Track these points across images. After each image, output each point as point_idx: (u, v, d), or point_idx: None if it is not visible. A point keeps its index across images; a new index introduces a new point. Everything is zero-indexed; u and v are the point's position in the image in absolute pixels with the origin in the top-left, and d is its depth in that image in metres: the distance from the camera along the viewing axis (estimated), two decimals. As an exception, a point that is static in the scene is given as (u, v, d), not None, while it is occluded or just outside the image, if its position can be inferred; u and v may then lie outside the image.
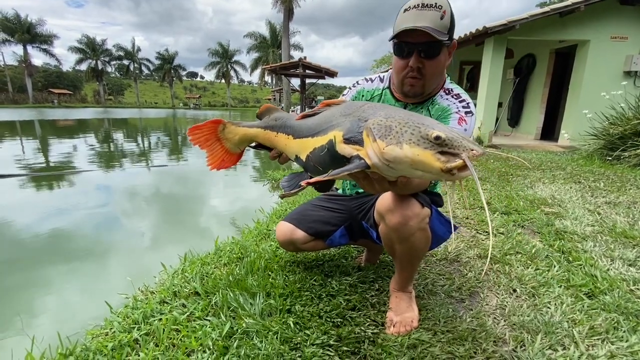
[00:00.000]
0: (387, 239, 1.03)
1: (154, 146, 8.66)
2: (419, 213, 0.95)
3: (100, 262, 2.15)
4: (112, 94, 67.38)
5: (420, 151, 0.55)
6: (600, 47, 6.13)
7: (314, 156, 0.74)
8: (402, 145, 0.56)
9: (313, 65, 14.13)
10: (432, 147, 0.55)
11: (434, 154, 0.55)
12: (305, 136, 0.77)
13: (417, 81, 1.02)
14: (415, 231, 0.96)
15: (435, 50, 0.97)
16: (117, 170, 5.23)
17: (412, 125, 0.58)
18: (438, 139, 0.55)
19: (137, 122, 18.91)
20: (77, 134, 11.18)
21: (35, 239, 2.54)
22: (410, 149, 0.56)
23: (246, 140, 0.98)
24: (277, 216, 2.19)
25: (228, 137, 0.99)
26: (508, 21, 5.68)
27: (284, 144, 0.86)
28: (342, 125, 0.66)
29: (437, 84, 1.08)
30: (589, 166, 4.11)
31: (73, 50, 45.58)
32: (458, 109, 1.05)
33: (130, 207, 3.47)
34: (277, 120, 0.91)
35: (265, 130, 0.93)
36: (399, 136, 0.57)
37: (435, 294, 1.27)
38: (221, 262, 1.51)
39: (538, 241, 1.81)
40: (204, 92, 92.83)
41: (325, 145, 0.69)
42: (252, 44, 36.92)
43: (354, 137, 0.63)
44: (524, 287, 1.32)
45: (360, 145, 0.62)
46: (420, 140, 0.56)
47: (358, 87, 1.22)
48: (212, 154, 0.99)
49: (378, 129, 0.59)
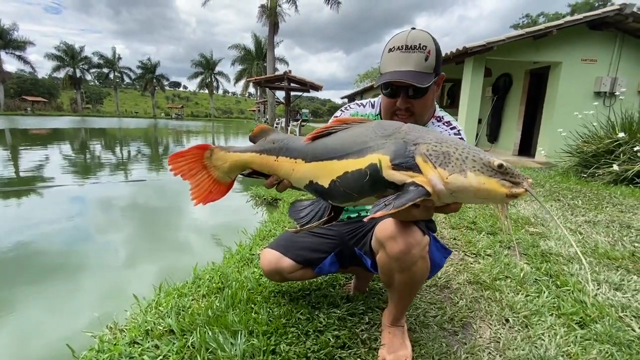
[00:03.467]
0: (386, 269, 0.97)
1: (133, 157, 8.37)
2: (421, 241, 0.91)
3: (65, 289, 1.97)
4: (91, 103, 65.42)
5: (485, 179, 0.56)
6: (571, 68, 6.46)
7: (347, 181, 0.66)
8: (466, 174, 0.57)
9: (298, 79, 14.22)
10: (496, 175, 0.57)
11: (499, 181, 0.56)
12: (328, 158, 0.69)
13: (407, 119, 1.01)
14: (417, 260, 0.91)
15: (422, 92, 0.96)
16: (90, 185, 4.98)
17: (470, 152, 0.58)
18: (501, 167, 0.57)
19: (115, 132, 18.35)
20: (51, 143, 10.69)
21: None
22: (475, 178, 0.56)
23: (238, 167, 0.87)
24: (261, 238, 2.10)
25: (216, 164, 0.86)
26: (486, 42, 5.91)
27: (290, 169, 0.76)
28: (386, 148, 0.62)
29: (428, 115, 1.08)
30: (566, 183, 4.24)
31: (50, 57, 44.20)
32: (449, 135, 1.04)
33: (101, 225, 3.27)
34: (276, 142, 0.81)
35: (261, 155, 0.82)
36: (460, 164, 0.57)
37: (428, 326, 1.22)
38: (200, 292, 1.40)
39: (525, 263, 1.80)
40: (186, 102, 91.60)
41: (365, 169, 0.63)
42: (237, 56, 36.99)
43: (406, 163, 0.60)
44: (516, 317, 1.29)
45: (415, 171, 0.60)
46: (484, 168, 0.57)
47: (351, 110, 1.19)
48: (197, 185, 0.85)
49: (436, 155, 0.58)
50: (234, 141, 15.65)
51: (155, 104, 62.24)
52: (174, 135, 17.28)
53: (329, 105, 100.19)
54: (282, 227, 2.27)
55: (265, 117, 23.77)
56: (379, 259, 0.98)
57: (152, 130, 21.73)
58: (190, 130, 22.22)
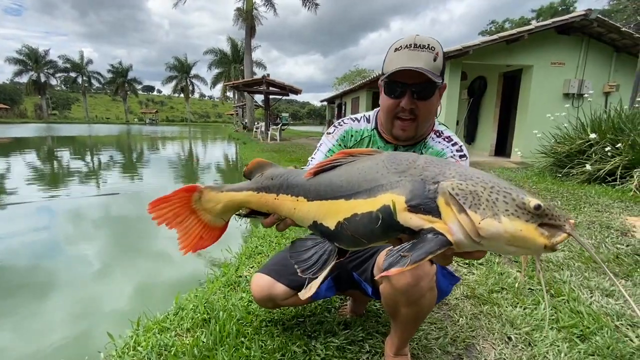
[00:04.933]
0: (391, 301, 0.90)
1: (105, 167, 7.94)
2: (429, 271, 0.85)
3: (28, 323, 1.78)
4: (57, 109, 62.20)
5: (523, 225, 0.46)
6: (542, 71, 6.73)
7: (355, 225, 0.57)
8: (500, 218, 0.46)
9: (277, 83, 14.09)
10: (533, 219, 0.46)
11: (536, 228, 0.46)
12: (333, 197, 0.60)
13: (410, 124, 0.95)
14: (426, 292, 0.85)
15: (430, 92, 0.91)
16: (61, 197, 4.65)
17: (499, 190, 0.48)
18: (538, 209, 0.46)
19: (85, 139, 17.48)
20: (14, 153, 10.00)
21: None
22: (511, 224, 0.46)
23: (233, 208, 0.77)
24: (247, 256, 1.98)
25: (207, 207, 0.76)
26: (463, 47, 6.05)
27: (291, 207, 0.67)
28: (400, 187, 0.53)
29: (428, 126, 1.01)
30: (543, 183, 4.37)
31: (11, 61, 41.71)
32: (453, 153, 0.99)
33: (71, 242, 3.03)
34: (274, 178, 0.72)
35: (259, 193, 0.73)
36: (492, 206, 0.47)
37: (431, 351, 1.16)
38: (183, 326, 1.28)
39: (517, 271, 1.79)
40: (161, 107, 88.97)
41: (377, 212, 0.54)
42: (213, 59, 36.31)
43: (425, 205, 0.50)
44: (518, 334, 1.25)
45: (434, 215, 0.50)
46: (519, 211, 0.47)
47: (345, 126, 1.11)
48: (185, 232, 0.75)
49: (463, 195, 0.48)
50: (211, 145, 15.28)
51: (127, 109, 60.05)
52: (148, 142, 16.67)
53: (307, 108, 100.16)
54: (269, 243, 2.16)
55: (244, 120, 23.39)
56: (383, 290, 0.91)
57: (125, 137, 20.87)
58: (166, 137, 21.52)
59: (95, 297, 2.07)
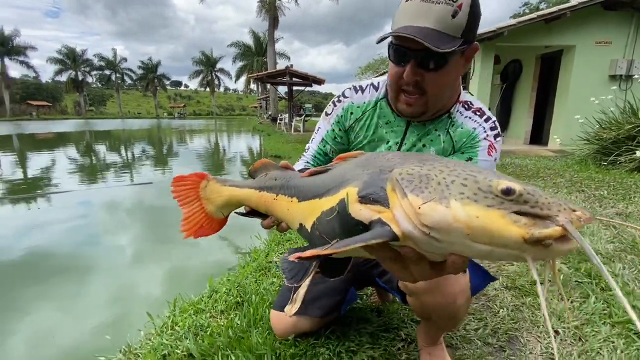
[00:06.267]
0: (424, 314, 0.86)
1: (138, 159, 8.32)
2: (464, 285, 0.76)
3: (72, 305, 1.90)
4: (94, 105, 65.70)
5: (481, 211, 0.35)
6: (585, 51, 6.22)
7: (322, 224, 0.52)
8: (448, 202, 0.36)
9: (300, 73, 14.04)
10: (502, 206, 0.34)
11: (505, 216, 0.34)
12: (313, 197, 0.56)
13: (417, 99, 0.75)
14: (461, 306, 0.78)
15: (440, 61, 0.69)
16: (98, 188, 4.92)
17: (462, 173, 0.38)
18: (509, 193, 0.34)
19: (120, 133, 18.36)
20: (57, 147, 10.69)
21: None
22: (462, 208, 0.35)
23: (233, 203, 0.75)
24: (276, 243, 1.99)
25: (210, 197, 0.75)
26: (497, 28, 5.70)
27: (285, 208, 0.63)
28: (358, 180, 0.47)
29: (450, 98, 0.80)
30: (585, 171, 4.07)
31: (52, 61, 44.33)
32: (486, 132, 0.80)
33: (109, 230, 3.20)
34: (277, 179, 0.67)
35: (260, 192, 0.69)
36: (442, 189, 0.37)
37: (470, 342, 1.11)
38: (217, 308, 1.30)
39: (562, 263, 1.67)
40: (188, 101, 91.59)
41: (335, 207, 0.49)
42: (237, 52, 36.73)
43: (374, 194, 0.43)
44: (566, 327, 1.17)
45: (383, 204, 0.42)
46: (479, 194, 0.36)
47: (344, 102, 0.91)
48: (189, 216, 0.76)
49: (409, 179, 0.40)
50: (237, 138, 15.57)
51: (157, 104, 62.36)
52: (177, 135, 17.26)
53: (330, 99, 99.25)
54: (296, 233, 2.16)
55: (267, 112, 23.61)
56: (413, 305, 0.84)
57: (156, 130, 21.73)
58: (194, 129, 22.18)
59: (133, 280, 2.18)
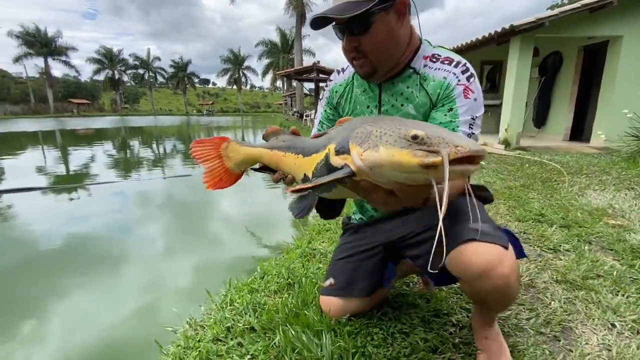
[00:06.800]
0: (478, 298, 0.88)
1: (173, 154, 8.70)
2: (512, 264, 0.77)
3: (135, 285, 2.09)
4: (128, 103, 68.96)
5: (396, 151, 0.53)
6: (634, 42, 5.81)
7: (317, 172, 0.73)
8: (378, 148, 0.55)
9: (327, 69, 14.05)
10: (410, 146, 0.53)
11: (410, 152, 0.52)
12: (313, 153, 0.76)
13: (362, 62, 0.88)
14: (513, 284, 0.78)
15: (363, 24, 0.80)
16: (136, 180, 5.22)
17: (393, 128, 0.56)
18: (416, 138, 0.53)
19: (153, 130, 19.22)
20: (96, 142, 11.38)
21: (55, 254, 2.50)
22: (385, 151, 0.54)
23: (249, 160, 0.94)
24: (317, 232, 2.06)
25: (230, 155, 0.93)
26: (537, 18, 5.44)
27: (293, 163, 0.82)
28: (338, 138, 0.67)
29: (397, 54, 0.88)
30: (634, 169, 3.84)
31: (91, 61, 46.95)
32: (457, 77, 0.85)
33: (153, 220, 3.40)
34: (286, 141, 0.86)
35: (272, 151, 0.88)
36: (377, 141, 0.56)
37: (523, 330, 1.11)
38: (270, 288, 1.38)
39: (614, 260, 1.62)
40: (216, 99, 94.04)
41: (324, 158, 0.70)
42: (263, 50, 37.25)
43: (343, 148, 0.63)
44: (623, 321, 1.15)
45: (348, 154, 0.62)
46: (398, 140, 0.54)
47: (330, 84, 1.08)
48: (210, 171, 0.92)
49: (360, 136, 0.60)
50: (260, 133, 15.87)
51: (187, 101, 64.55)
52: (205, 131, 17.83)
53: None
54: (336, 222, 2.21)
55: (293, 109, 23.81)
56: (465, 290, 0.88)
57: (185, 127, 22.55)
58: (222, 126, 22.81)
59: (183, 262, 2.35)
